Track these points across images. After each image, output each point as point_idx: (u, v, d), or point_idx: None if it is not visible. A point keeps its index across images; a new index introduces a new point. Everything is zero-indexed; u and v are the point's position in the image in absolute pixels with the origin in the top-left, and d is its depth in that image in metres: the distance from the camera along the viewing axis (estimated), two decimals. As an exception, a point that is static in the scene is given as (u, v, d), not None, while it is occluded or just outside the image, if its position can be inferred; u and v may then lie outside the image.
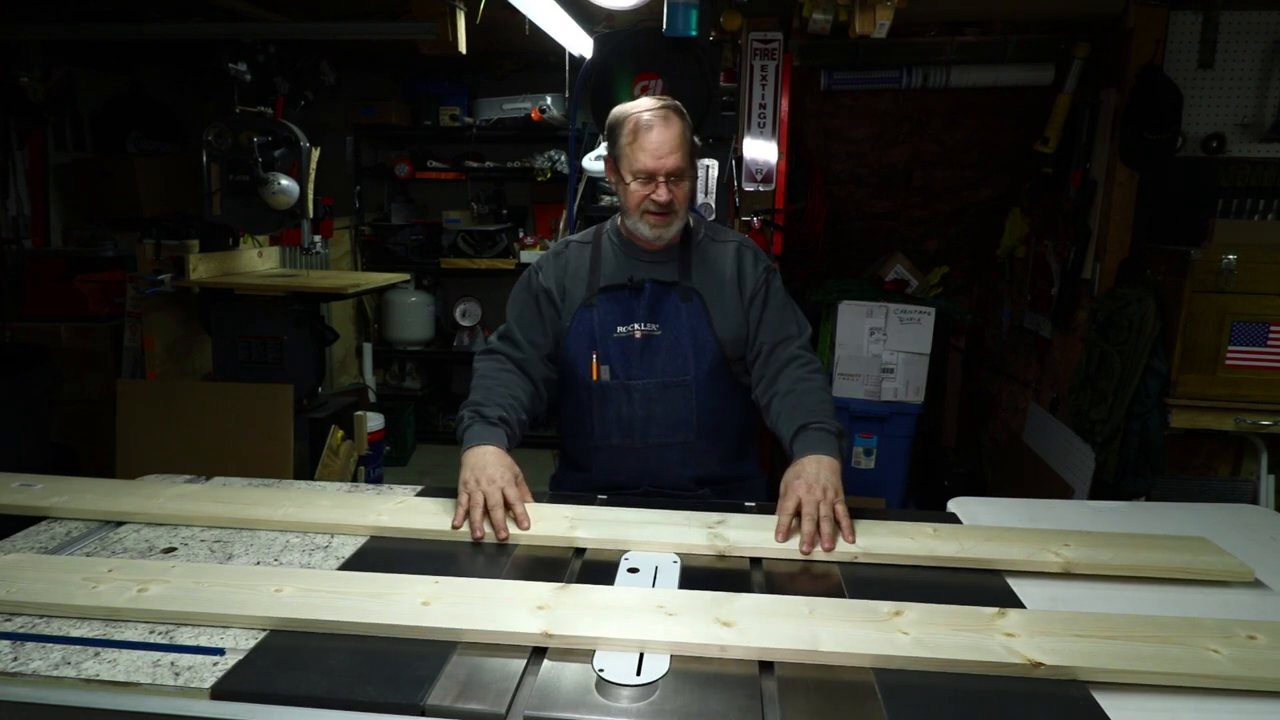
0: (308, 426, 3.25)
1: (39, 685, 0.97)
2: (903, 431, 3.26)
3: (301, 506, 1.46)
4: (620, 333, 1.73)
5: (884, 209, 3.85)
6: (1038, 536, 1.38)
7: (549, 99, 4.40)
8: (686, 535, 1.36)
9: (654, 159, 1.62)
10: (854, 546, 1.34)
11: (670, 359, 1.72)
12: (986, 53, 3.06)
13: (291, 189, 2.95)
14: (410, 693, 0.94)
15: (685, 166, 1.65)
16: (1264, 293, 2.48)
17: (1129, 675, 0.98)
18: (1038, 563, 1.29)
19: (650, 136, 1.62)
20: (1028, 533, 1.41)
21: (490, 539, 1.37)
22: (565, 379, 1.79)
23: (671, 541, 1.34)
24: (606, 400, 1.74)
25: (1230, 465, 2.83)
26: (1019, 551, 1.31)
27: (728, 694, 0.96)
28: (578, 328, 1.74)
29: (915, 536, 1.37)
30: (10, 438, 3.12)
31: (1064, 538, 1.36)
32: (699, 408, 1.73)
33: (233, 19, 2.99)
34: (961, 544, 1.34)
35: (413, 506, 1.49)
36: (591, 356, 1.72)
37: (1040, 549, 1.32)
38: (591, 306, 1.74)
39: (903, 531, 1.39)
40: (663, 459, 1.74)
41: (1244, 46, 2.69)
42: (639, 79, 2.91)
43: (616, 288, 1.74)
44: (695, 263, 1.76)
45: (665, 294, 1.73)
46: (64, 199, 4.01)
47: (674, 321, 1.72)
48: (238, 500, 1.50)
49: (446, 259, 4.83)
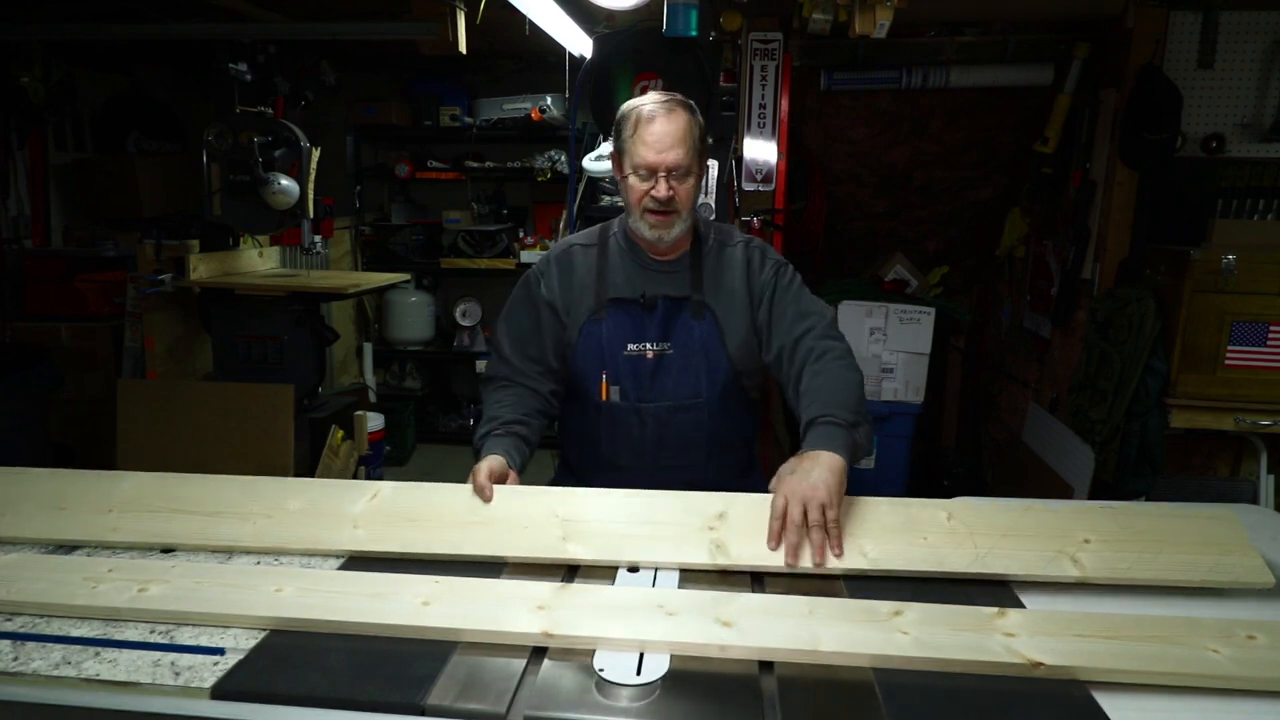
0: (308, 426, 3.25)
1: (39, 685, 0.97)
2: (903, 431, 3.26)
3: (272, 515, 1.36)
4: (631, 351, 1.66)
5: (884, 209, 3.84)
6: (1055, 534, 1.26)
7: (549, 99, 4.40)
8: (685, 550, 1.27)
9: (654, 153, 1.54)
10: (861, 561, 1.24)
11: (682, 380, 1.66)
12: (986, 53, 3.06)
13: (292, 189, 2.95)
14: (410, 693, 0.94)
15: (689, 163, 1.57)
16: (1263, 293, 2.48)
17: (1129, 675, 0.98)
18: (1053, 576, 1.21)
19: (652, 129, 1.55)
20: (1043, 523, 1.28)
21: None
22: (572, 392, 1.72)
23: (672, 560, 1.26)
24: (616, 422, 1.67)
25: (1230, 465, 2.83)
26: (1034, 559, 1.23)
27: (728, 694, 0.96)
28: (586, 342, 1.66)
29: (929, 535, 1.27)
30: (10, 438, 3.12)
31: (1085, 531, 1.26)
32: (710, 429, 1.68)
33: (233, 19, 2.99)
34: (977, 545, 1.25)
35: (386, 510, 1.37)
36: (600, 375, 1.65)
37: (1058, 554, 1.23)
38: (600, 320, 1.65)
39: (915, 525, 1.28)
40: (671, 480, 1.60)
41: (1244, 46, 2.69)
42: (639, 79, 2.91)
43: (627, 301, 1.66)
44: (707, 273, 1.68)
45: (677, 310, 1.66)
46: (64, 199, 4.01)
47: (686, 340, 1.65)
48: (199, 506, 1.38)
49: (446, 259, 4.83)
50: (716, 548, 1.27)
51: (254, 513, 1.37)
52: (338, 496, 1.40)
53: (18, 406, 3.16)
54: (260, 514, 1.36)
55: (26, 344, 3.47)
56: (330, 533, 1.33)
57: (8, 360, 3.18)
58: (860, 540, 1.27)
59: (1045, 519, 1.29)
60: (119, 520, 1.36)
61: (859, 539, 1.27)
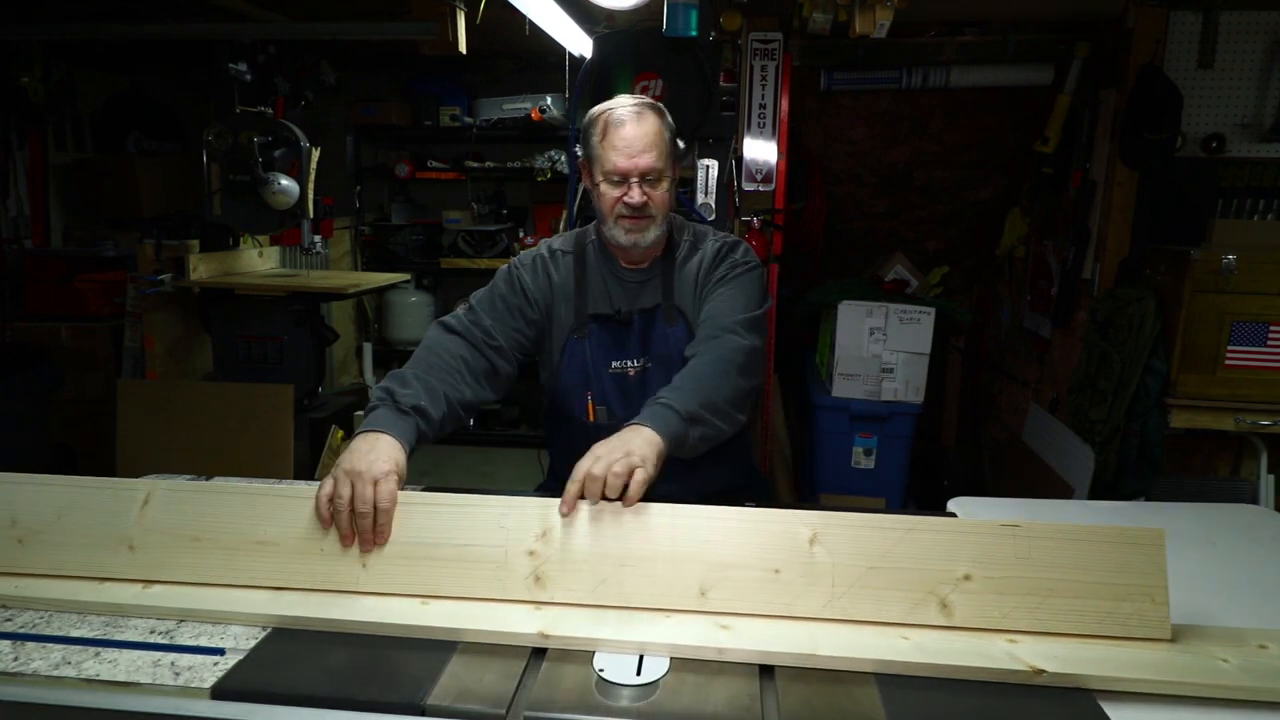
0: (308, 426, 3.25)
1: (39, 685, 0.97)
2: (902, 431, 3.26)
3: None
4: (615, 368, 1.63)
5: (884, 209, 3.84)
6: (931, 566, 1.07)
7: (549, 99, 4.40)
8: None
9: (625, 158, 1.50)
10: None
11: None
12: (986, 53, 3.06)
13: (291, 189, 2.95)
14: (410, 693, 0.94)
15: (662, 167, 1.53)
16: (1263, 293, 2.48)
17: (1134, 684, 0.97)
18: (915, 621, 1.04)
19: (621, 133, 1.50)
20: (920, 552, 1.08)
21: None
22: (559, 413, 1.69)
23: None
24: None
25: (1230, 465, 2.82)
26: (897, 602, 1.06)
27: (728, 694, 0.95)
28: (570, 362, 1.63)
29: (781, 568, 1.08)
30: (10, 438, 3.13)
31: (968, 563, 1.07)
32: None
33: (233, 19, 3.00)
34: (835, 581, 1.07)
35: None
36: (586, 396, 1.62)
37: (927, 595, 1.06)
38: (583, 339, 1.62)
39: (769, 549, 1.09)
40: (667, 494, 1.59)
41: (1244, 46, 2.69)
42: (639, 79, 2.91)
43: (606, 318, 1.62)
44: (676, 277, 1.64)
45: (652, 321, 1.63)
46: (64, 199, 4.01)
47: (664, 350, 1.62)
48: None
49: (446, 259, 4.83)
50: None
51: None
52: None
53: (18, 406, 3.16)
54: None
55: (26, 344, 3.47)
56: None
57: (8, 360, 3.18)
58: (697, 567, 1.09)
59: (924, 546, 1.08)
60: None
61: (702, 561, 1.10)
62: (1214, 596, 1.22)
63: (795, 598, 1.08)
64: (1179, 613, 1.08)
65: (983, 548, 1.08)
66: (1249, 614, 1.17)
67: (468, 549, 1.14)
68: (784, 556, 1.10)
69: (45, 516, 1.19)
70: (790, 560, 1.09)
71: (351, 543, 1.14)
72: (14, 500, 1.20)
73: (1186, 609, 1.14)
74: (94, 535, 1.18)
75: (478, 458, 4.68)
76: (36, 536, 1.18)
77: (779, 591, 1.08)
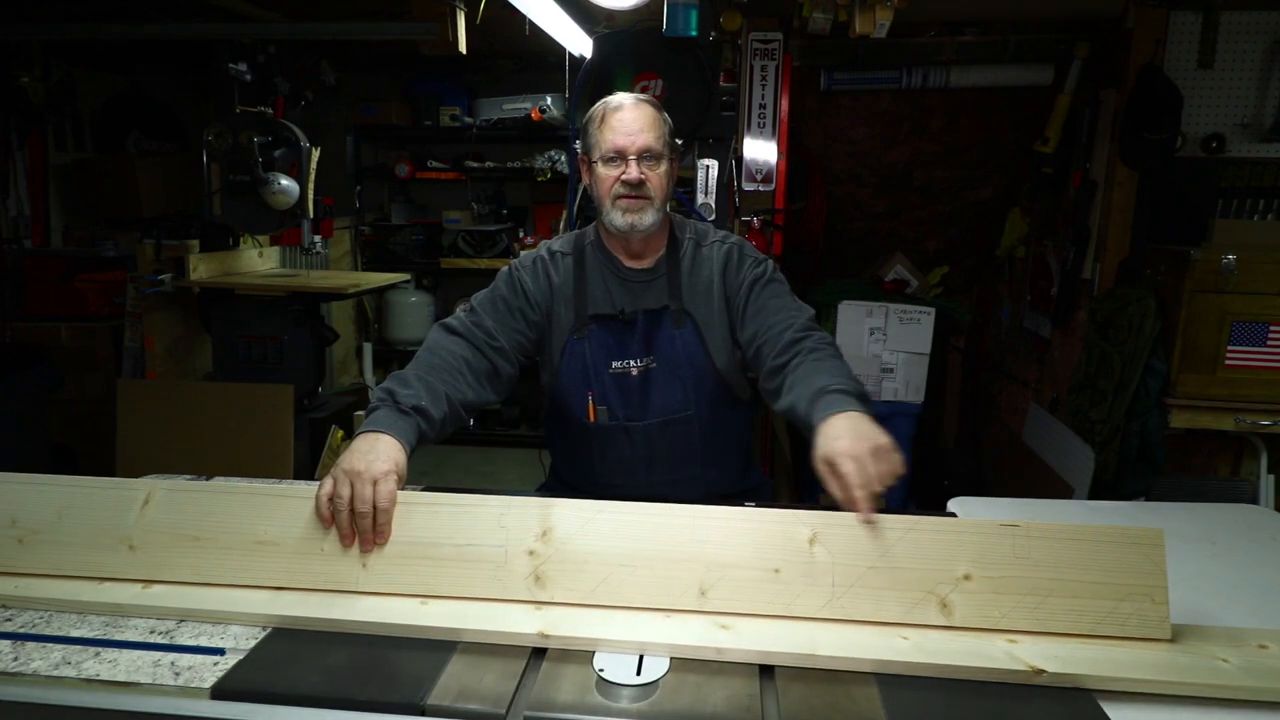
0: (308, 426, 3.25)
1: (39, 685, 0.96)
2: (903, 431, 3.26)
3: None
4: (616, 368, 1.62)
5: (884, 209, 3.84)
6: (931, 565, 1.07)
7: (549, 99, 4.40)
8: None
9: (624, 136, 1.52)
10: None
11: (669, 393, 1.61)
12: (986, 53, 3.06)
13: (291, 189, 2.95)
14: (410, 693, 0.94)
15: (659, 150, 1.55)
16: (1263, 293, 2.48)
17: (1133, 684, 0.96)
18: (915, 621, 1.03)
19: (620, 115, 1.54)
20: (920, 551, 1.08)
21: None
22: (560, 414, 1.68)
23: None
24: (606, 442, 1.63)
25: (1230, 465, 2.83)
26: (896, 602, 1.06)
27: (728, 694, 0.95)
28: (570, 363, 1.62)
29: (781, 568, 1.08)
30: (10, 438, 3.13)
31: (968, 562, 1.07)
32: (703, 439, 1.65)
33: (233, 19, 3.00)
34: (835, 580, 1.07)
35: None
36: (587, 397, 1.61)
37: (926, 595, 1.06)
38: (583, 340, 1.61)
39: (767, 549, 1.09)
40: (669, 494, 1.53)
41: (1244, 46, 2.69)
42: (639, 79, 2.91)
43: (607, 318, 1.62)
44: (684, 277, 1.63)
45: (658, 322, 1.62)
46: (64, 199, 4.01)
47: (670, 352, 1.61)
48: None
49: (446, 259, 4.83)
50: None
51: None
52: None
53: (18, 406, 3.16)
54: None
55: (26, 344, 3.47)
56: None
57: (8, 360, 3.18)
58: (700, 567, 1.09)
59: (924, 546, 1.08)
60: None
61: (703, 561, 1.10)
62: (1214, 596, 1.22)
63: (795, 597, 1.08)
64: (1179, 612, 1.07)
65: (982, 547, 1.08)
66: (1249, 614, 1.17)
67: (467, 549, 1.14)
68: (784, 556, 1.09)
69: (45, 516, 1.19)
70: (790, 560, 1.09)
71: (351, 542, 1.14)
72: (14, 500, 1.20)
73: (1186, 609, 1.13)
74: (94, 535, 1.18)
75: (478, 458, 4.68)
76: (36, 536, 1.18)
77: (779, 591, 1.08)
